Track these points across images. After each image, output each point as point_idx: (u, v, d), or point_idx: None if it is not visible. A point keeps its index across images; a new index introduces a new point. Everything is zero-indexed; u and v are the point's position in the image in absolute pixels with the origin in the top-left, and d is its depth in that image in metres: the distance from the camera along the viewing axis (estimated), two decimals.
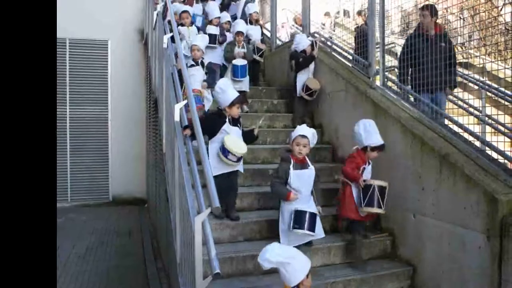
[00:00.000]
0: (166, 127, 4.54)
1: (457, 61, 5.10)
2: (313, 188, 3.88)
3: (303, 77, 6.01)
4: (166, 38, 5.02)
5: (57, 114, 8.92)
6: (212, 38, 6.51)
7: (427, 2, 5.16)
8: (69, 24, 8.84)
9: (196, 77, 5.32)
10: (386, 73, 5.07)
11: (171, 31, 5.43)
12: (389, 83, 5.05)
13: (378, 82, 5.03)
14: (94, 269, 5.45)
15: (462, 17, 6.64)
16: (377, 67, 5.03)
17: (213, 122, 4.06)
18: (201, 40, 5.66)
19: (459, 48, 6.17)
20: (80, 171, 9.40)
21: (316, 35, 7.18)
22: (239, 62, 6.17)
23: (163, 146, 4.74)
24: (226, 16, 7.54)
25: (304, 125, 3.95)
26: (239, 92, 6.13)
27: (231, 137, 3.97)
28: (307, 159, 3.90)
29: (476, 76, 6.03)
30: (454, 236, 3.49)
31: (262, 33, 7.80)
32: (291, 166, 3.78)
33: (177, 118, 3.74)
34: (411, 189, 4.02)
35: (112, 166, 9.61)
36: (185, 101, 3.78)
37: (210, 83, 5.45)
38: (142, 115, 9.55)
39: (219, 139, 3.99)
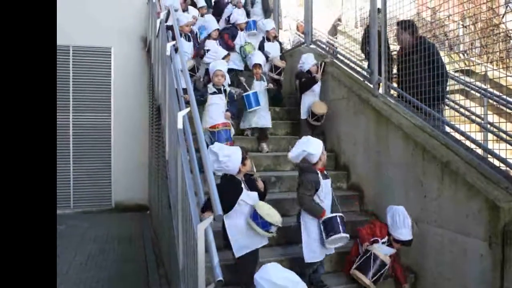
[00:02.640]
0: (169, 135, 4.55)
1: (443, 73, 4.47)
2: (333, 198, 3.84)
3: (308, 99, 5.79)
4: (169, 46, 5.04)
5: (60, 121, 8.98)
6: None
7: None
8: (72, 31, 8.91)
9: (219, 106, 4.96)
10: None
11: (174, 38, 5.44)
12: (391, 91, 5.07)
13: (380, 90, 5.04)
14: (96, 276, 5.44)
15: (464, 25, 6.66)
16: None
17: (228, 195, 3.27)
18: (224, 65, 5.25)
19: (452, 57, 5.99)
20: (83, 177, 9.41)
21: (318, 45, 7.20)
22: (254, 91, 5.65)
23: (166, 153, 4.75)
24: (243, 17, 7.32)
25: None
26: (261, 129, 5.68)
27: (262, 206, 3.41)
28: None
29: (478, 84, 6.05)
30: (456, 243, 3.49)
31: (281, 49, 7.07)
32: (320, 177, 3.70)
33: (180, 125, 3.75)
34: (413, 196, 4.02)
35: (114, 173, 9.62)
36: (188, 109, 3.76)
37: (233, 112, 5.12)
38: (145, 122, 9.57)
39: (238, 212, 3.39)
